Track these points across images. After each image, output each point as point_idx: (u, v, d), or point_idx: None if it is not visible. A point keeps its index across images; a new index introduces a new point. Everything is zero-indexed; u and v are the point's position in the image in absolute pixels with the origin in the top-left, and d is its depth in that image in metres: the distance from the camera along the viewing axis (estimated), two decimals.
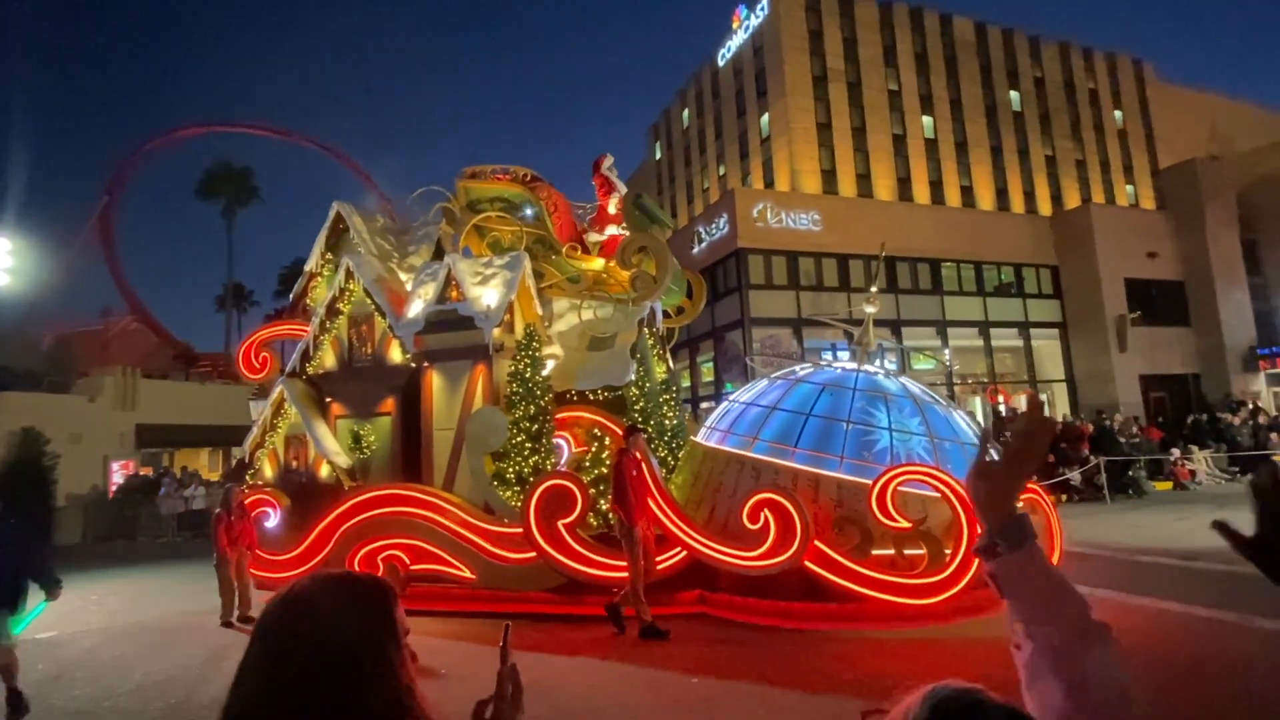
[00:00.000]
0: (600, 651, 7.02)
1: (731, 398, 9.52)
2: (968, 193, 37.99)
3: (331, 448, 9.78)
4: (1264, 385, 32.08)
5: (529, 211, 10.08)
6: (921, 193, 37.64)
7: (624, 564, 7.67)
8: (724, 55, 41.49)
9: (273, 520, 9.62)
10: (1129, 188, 39.10)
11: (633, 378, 9.25)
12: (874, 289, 9.46)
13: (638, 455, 7.59)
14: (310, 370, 10.22)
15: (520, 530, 8.23)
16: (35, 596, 5.92)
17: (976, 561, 6.31)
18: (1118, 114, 39.70)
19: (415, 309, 9.32)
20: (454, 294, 9.19)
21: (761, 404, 8.53)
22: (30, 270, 24.37)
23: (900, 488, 7.05)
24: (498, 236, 10.41)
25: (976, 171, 37.96)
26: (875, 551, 7.12)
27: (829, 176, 37.13)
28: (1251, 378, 32.30)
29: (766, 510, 7.14)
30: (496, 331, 9.19)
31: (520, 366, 8.90)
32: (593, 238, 10.60)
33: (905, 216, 34.86)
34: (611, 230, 10.62)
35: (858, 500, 7.30)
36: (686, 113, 45.21)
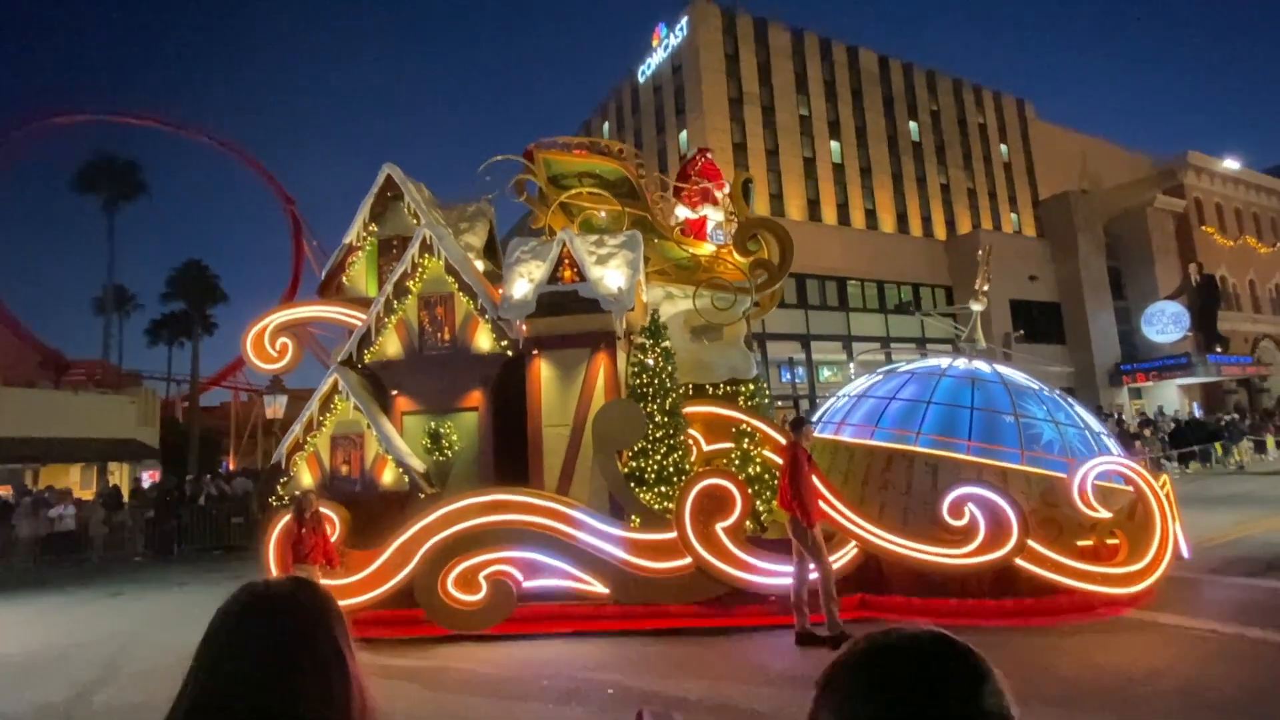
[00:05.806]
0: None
1: (848, 391, 9.08)
2: (871, 216, 40.15)
3: (403, 449, 8.35)
4: (1126, 398, 36.08)
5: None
6: (829, 214, 39.35)
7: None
8: (644, 72, 41.53)
9: (330, 538, 8.03)
10: (1014, 216, 42.97)
11: (756, 370, 8.61)
12: (982, 286, 9.38)
13: (809, 448, 6.98)
14: (368, 358, 8.71)
15: (669, 537, 7.34)
16: None
17: (1171, 547, 6.17)
18: (1003, 148, 43.63)
19: (520, 290, 8.14)
20: (566, 274, 8.14)
21: (904, 398, 8.16)
22: None
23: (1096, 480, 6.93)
24: (590, 215, 9.39)
25: (879, 196, 40.21)
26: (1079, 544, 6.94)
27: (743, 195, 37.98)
28: (1116, 391, 36.25)
29: (971, 505, 6.75)
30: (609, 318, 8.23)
31: (649, 357, 7.99)
32: (676, 217, 9.87)
33: (815, 236, 36.27)
34: (693, 213, 9.94)
35: (1049, 493, 7.12)
36: (607, 126, 44.79)
